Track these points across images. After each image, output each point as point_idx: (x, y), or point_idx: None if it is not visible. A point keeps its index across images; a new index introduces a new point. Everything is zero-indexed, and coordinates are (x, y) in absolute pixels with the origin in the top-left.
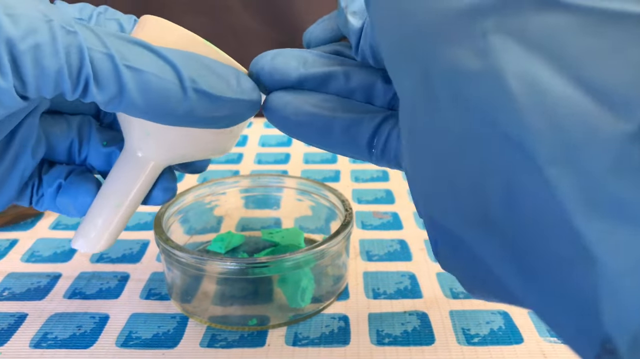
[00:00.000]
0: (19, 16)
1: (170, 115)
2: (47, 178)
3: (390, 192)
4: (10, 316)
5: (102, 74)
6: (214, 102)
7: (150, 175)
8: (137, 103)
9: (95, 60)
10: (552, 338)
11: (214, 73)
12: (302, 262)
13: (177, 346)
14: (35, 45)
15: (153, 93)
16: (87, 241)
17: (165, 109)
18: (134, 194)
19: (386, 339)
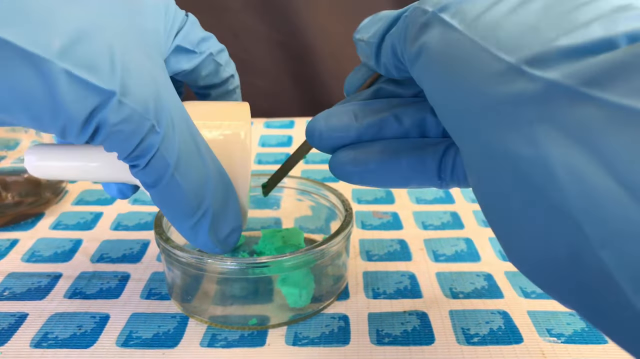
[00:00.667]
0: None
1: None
2: None
3: (390, 192)
4: (11, 315)
5: (153, 167)
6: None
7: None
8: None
9: (156, 157)
10: (552, 338)
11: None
12: (302, 262)
13: (177, 345)
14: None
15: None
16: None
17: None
18: None
19: (386, 339)
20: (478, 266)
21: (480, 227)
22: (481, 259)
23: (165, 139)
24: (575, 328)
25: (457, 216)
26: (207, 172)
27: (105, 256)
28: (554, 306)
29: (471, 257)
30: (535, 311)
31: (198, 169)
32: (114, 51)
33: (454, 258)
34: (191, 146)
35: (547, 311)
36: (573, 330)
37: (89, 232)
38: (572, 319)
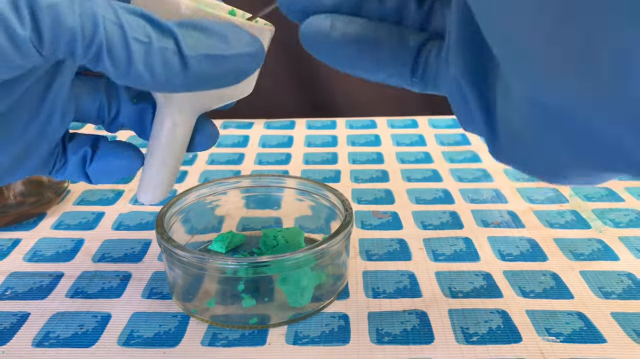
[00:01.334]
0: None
1: (176, 86)
2: (71, 146)
3: (390, 192)
4: (13, 315)
5: (114, 44)
6: (216, 64)
7: (183, 130)
8: (144, 76)
9: (109, 30)
10: (550, 337)
11: (212, 33)
12: (303, 262)
13: (178, 344)
14: (54, 3)
15: (157, 65)
16: (148, 196)
17: (170, 81)
18: (175, 149)
19: (386, 338)
20: (477, 265)
21: (479, 227)
22: (480, 258)
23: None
24: (574, 327)
25: (457, 216)
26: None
27: (106, 255)
28: (553, 306)
29: (470, 257)
30: (534, 310)
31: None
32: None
33: (453, 258)
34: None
35: (545, 310)
36: (572, 329)
37: (91, 232)
38: (570, 319)
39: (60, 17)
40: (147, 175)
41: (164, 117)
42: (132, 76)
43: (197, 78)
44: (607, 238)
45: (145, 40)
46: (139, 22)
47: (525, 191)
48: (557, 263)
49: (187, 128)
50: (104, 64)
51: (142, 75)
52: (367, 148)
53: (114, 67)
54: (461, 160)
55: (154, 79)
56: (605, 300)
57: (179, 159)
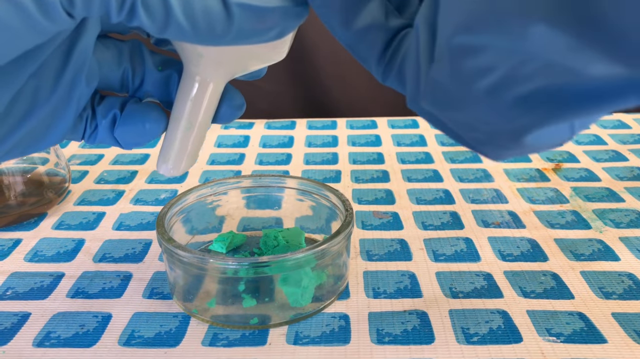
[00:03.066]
0: None
1: (218, 36)
2: (100, 109)
3: (391, 192)
4: (14, 315)
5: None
6: (260, 16)
7: (212, 95)
8: (184, 27)
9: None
10: (551, 337)
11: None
12: (303, 262)
13: (179, 344)
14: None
15: (198, 15)
16: (169, 165)
17: (212, 30)
18: (202, 115)
19: (386, 338)
20: (477, 265)
21: (479, 228)
22: (481, 259)
23: None
24: (574, 327)
25: (457, 216)
26: None
27: (107, 255)
28: (553, 306)
29: (471, 257)
30: (534, 310)
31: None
32: None
33: (454, 258)
34: None
35: (546, 310)
36: (572, 330)
37: (92, 232)
38: (571, 319)
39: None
40: (169, 142)
41: (190, 79)
42: (172, 28)
43: (241, 29)
44: (607, 238)
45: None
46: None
47: (525, 191)
48: (558, 263)
49: (217, 92)
50: (140, 18)
51: (183, 27)
52: (368, 148)
53: (151, 20)
54: (462, 160)
55: (195, 30)
56: (605, 300)
57: (204, 127)
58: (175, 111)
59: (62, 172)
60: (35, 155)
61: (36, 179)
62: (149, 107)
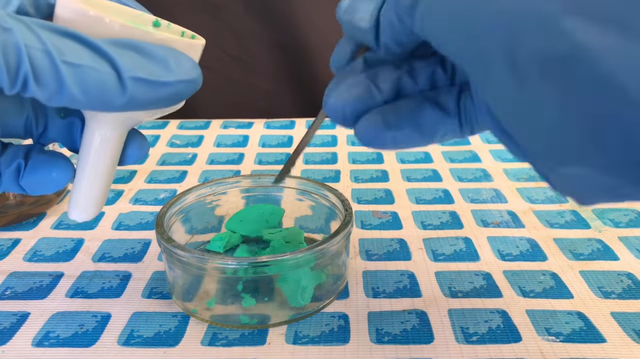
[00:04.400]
0: None
1: (112, 106)
2: (3, 159)
3: (390, 192)
4: (13, 314)
5: (41, 71)
6: (154, 88)
7: (113, 145)
8: (78, 98)
9: (34, 58)
10: (550, 337)
11: (152, 57)
12: (303, 262)
13: (178, 344)
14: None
15: (92, 87)
16: (79, 211)
17: (106, 101)
18: (105, 163)
19: (385, 338)
20: (477, 265)
21: (479, 227)
22: (480, 258)
23: (23, 34)
24: (573, 326)
25: (456, 216)
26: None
27: (106, 255)
28: (553, 306)
29: (470, 257)
30: (533, 310)
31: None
32: None
33: (453, 258)
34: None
35: (545, 310)
36: (571, 329)
37: (91, 231)
38: (570, 318)
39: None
40: (78, 192)
41: (93, 132)
42: (65, 99)
43: (135, 100)
44: (606, 238)
45: (77, 62)
46: (68, 44)
47: (525, 191)
48: (557, 263)
49: (118, 143)
50: (32, 92)
51: (77, 98)
52: (367, 148)
53: (44, 93)
54: (461, 160)
55: (90, 101)
56: (605, 300)
57: (110, 174)
58: (81, 160)
59: None
60: None
61: None
62: (55, 156)
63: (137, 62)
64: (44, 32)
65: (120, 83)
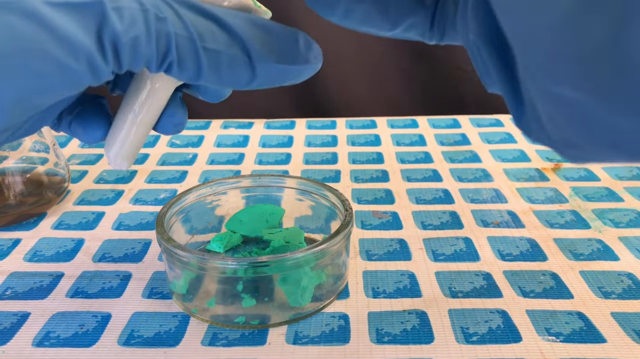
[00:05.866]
0: (123, 9)
1: (239, 86)
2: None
3: (390, 192)
4: (13, 315)
5: (184, 57)
6: (281, 72)
7: (156, 94)
8: (212, 80)
9: (180, 45)
10: (550, 337)
11: (280, 40)
12: (303, 262)
13: (178, 344)
14: (134, 37)
15: (225, 71)
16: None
17: (236, 82)
18: (144, 112)
19: (386, 338)
20: (477, 265)
21: (479, 227)
22: (480, 258)
23: (173, 21)
24: (573, 327)
25: (457, 216)
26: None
27: (107, 255)
28: (553, 306)
29: (470, 257)
30: (534, 310)
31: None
32: None
33: (453, 258)
34: (192, 12)
35: (545, 310)
36: (572, 329)
37: (91, 231)
38: (570, 319)
39: (139, 47)
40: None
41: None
42: (200, 80)
43: (262, 82)
44: (607, 238)
45: (215, 47)
46: (208, 27)
47: (525, 191)
48: (557, 263)
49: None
50: (174, 73)
51: (210, 80)
52: (367, 148)
53: (184, 75)
54: (461, 160)
55: (221, 82)
56: (605, 300)
57: (146, 125)
58: (122, 104)
59: (62, 172)
60: (35, 155)
61: (35, 178)
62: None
63: (269, 47)
64: (188, 15)
65: (251, 67)
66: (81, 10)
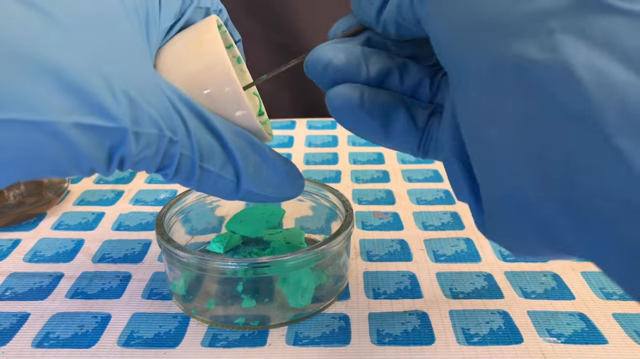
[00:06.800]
0: (142, 136)
1: (222, 197)
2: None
3: (391, 192)
4: (13, 315)
5: (180, 171)
6: (263, 198)
7: None
8: (198, 189)
9: (181, 162)
10: (552, 338)
11: (272, 172)
12: (303, 262)
13: (178, 345)
14: (143, 157)
15: (212, 188)
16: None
17: (219, 196)
18: None
19: (386, 339)
20: (478, 266)
21: None
22: (481, 259)
23: (183, 142)
24: (575, 328)
25: (458, 216)
26: (226, 141)
27: (106, 256)
28: (554, 307)
29: (471, 258)
30: (535, 311)
31: (218, 146)
32: (112, 83)
33: (454, 258)
34: (204, 129)
35: (547, 311)
36: (573, 330)
37: (91, 232)
38: (572, 320)
39: (143, 163)
40: None
41: None
42: (186, 186)
43: (242, 199)
44: None
45: (211, 168)
46: (210, 145)
47: None
48: (558, 264)
49: None
50: (167, 178)
51: (195, 188)
52: (368, 148)
53: (173, 180)
54: None
55: (205, 192)
56: (606, 301)
57: None
58: None
59: None
60: None
61: (35, 179)
62: None
63: (258, 173)
64: (197, 131)
65: (237, 189)
66: (104, 134)
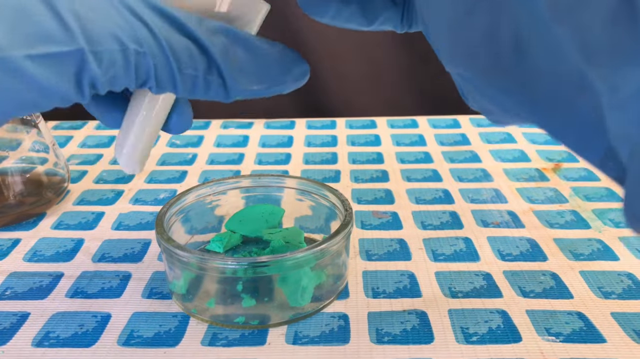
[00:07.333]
0: (102, 53)
1: (220, 100)
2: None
3: (390, 192)
4: (13, 315)
5: (162, 81)
6: (260, 93)
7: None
8: (189, 97)
9: (158, 72)
10: (550, 337)
11: (262, 63)
12: (303, 262)
13: (178, 344)
14: (112, 76)
15: (201, 92)
16: (124, 161)
17: (209, 98)
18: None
19: (385, 338)
20: (477, 265)
21: (479, 227)
22: (480, 258)
23: (152, 52)
24: (573, 327)
25: (456, 216)
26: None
27: (106, 255)
28: (553, 306)
29: (470, 257)
30: (533, 310)
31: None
32: (56, 5)
33: (453, 258)
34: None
35: (545, 310)
36: (571, 329)
37: (91, 232)
38: (570, 319)
39: (117, 81)
40: (123, 136)
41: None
42: (176, 95)
43: (241, 97)
44: (606, 238)
45: (192, 73)
46: (187, 49)
47: (525, 191)
48: (557, 263)
49: (168, 101)
50: (153, 91)
51: (185, 95)
52: (367, 148)
53: (160, 92)
54: (461, 160)
55: (195, 97)
56: (605, 300)
57: (156, 130)
58: (132, 105)
59: (61, 172)
60: (34, 155)
61: (35, 179)
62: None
63: (246, 69)
64: (169, 37)
65: (225, 89)
66: (60, 60)
